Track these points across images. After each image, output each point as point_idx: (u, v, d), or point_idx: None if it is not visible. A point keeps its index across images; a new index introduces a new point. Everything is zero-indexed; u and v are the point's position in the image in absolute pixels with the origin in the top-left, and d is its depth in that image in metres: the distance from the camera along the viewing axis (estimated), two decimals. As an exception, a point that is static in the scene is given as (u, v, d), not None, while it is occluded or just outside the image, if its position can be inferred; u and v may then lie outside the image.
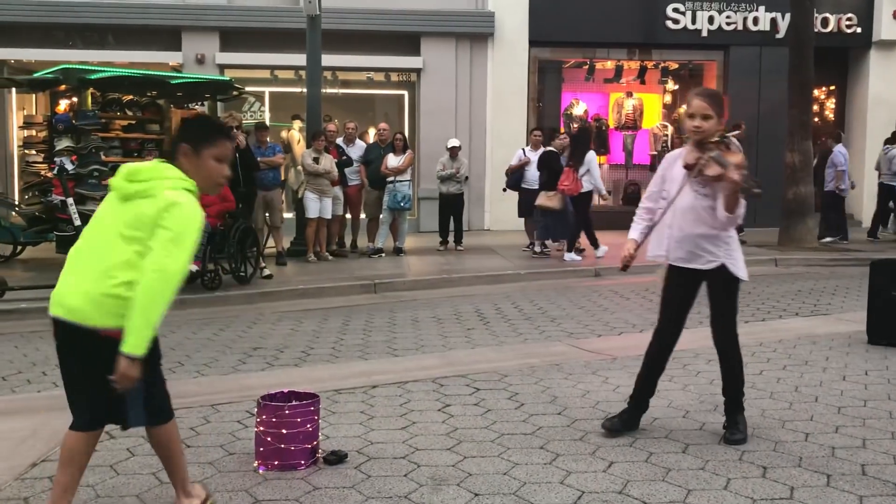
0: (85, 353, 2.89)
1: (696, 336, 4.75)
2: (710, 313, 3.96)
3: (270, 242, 10.66)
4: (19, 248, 10.88)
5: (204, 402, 4.71)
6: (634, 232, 4.05)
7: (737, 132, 3.97)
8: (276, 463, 3.58)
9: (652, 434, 4.06)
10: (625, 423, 4.05)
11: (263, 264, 9.53)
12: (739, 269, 3.87)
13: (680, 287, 3.97)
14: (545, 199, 10.99)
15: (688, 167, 3.77)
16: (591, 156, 11.16)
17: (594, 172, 11.10)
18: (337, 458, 3.68)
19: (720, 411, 4.41)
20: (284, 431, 3.57)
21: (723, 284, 3.88)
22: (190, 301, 8.17)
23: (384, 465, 3.68)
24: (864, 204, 15.98)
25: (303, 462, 3.59)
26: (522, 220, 12.48)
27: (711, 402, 4.60)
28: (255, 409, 3.71)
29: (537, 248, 11.70)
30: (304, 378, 5.24)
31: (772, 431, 4.09)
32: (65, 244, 10.08)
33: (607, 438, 4.00)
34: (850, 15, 15.97)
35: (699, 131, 3.77)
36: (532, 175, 11.84)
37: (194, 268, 8.24)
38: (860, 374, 5.25)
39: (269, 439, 3.58)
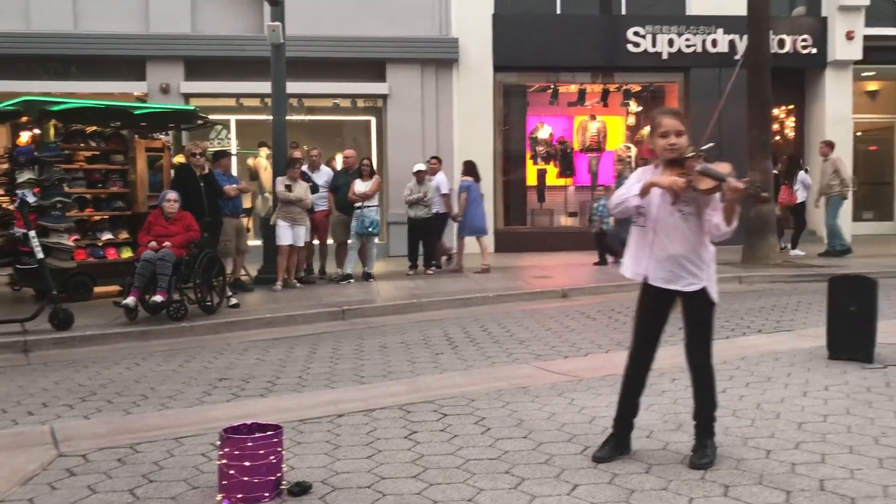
0: None
1: (662, 355, 4.76)
2: (685, 335, 3.96)
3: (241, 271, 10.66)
4: None
5: (168, 435, 4.66)
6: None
7: (710, 145, 3.92)
8: (239, 496, 3.55)
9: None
10: (616, 449, 4.04)
11: (230, 293, 9.47)
12: (715, 292, 3.89)
13: (656, 307, 3.96)
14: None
15: (675, 195, 3.70)
16: (801, 175, 14.40)
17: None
18: (301, 490, 3.65)
19: (684, 430, 4.46)
20: (247, 464, 3.54)
21: (701, 307, 3.88)
22: (155, 332, 8.10)
23: (349, 494, 3.66)
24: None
25: (266, 494, 3.57)
26: (492, 241, 12.66)
27: (675, 421, 4.65)
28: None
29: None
30: (270, 408, 5.21)
31: (734, 449, 4.13)
32: (26, 277, 9.96)
33: (572, 461, 4.02)
34: (805, 36, 16.38)
35: (675, 148, 3.76)
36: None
37: (159, 298, 8.19)
38: (820, 389, 5.33)
39: (231, 472, 3.55)
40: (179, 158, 11.42)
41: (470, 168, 12.73)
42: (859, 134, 18.26)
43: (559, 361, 6.53)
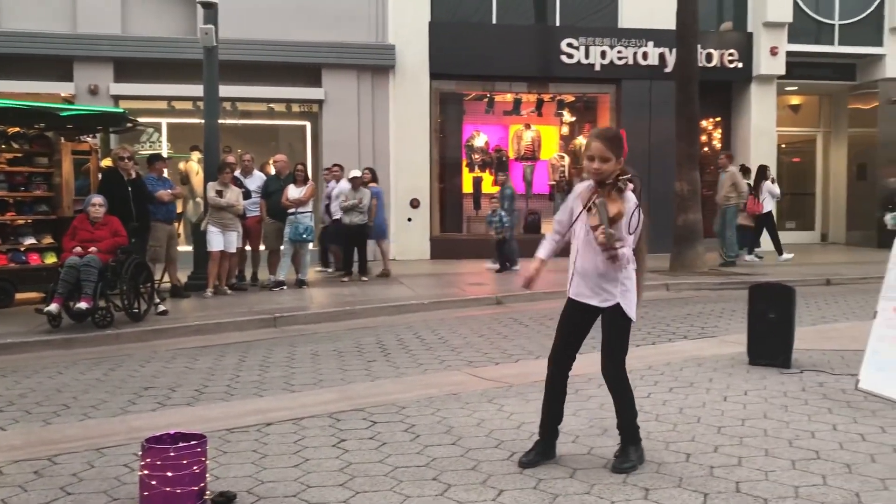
0: None
1: (589, 361, 4.86)
2: (601, 348, 4.04)
3: (165, 277, 10.44)
4: None
5: (89, 446, 4.55)
6: (542, 251, 4.13)
7: (627, 177, 3.96)
8: (161, 507, 3.48)
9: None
10: (541, 455, 4.11)
11: (158, 300, 9.27)
12: (631, 309, 3.96)
13: (577, 319, 4.06)
14: (742, 219, 14.32)
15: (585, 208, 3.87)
16: (767, 185, 14.82)
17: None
18: (225, 500, 3.61)
19: (608, 435, 4.55)
20: (170, 474, 3.48)
21: (615, 322, 3.97)
22: (80, 340, 7.88)
23: (274, 503, 3.64)
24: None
25: (189, 505, 3.51)
26: (428, 248, 12.67)
27: (600, 426, 4.74)
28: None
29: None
30: (196, 418, 5.13)
31: (656, 453, 4.24)
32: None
33: (499, 467, 4.07)
34: (731, 51, 16.91)
35: (599, 173, 3.87)
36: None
37: (84, 305, 7.98)
38: (740, 394, 5.51)
39: (153, 483, 3.48)
40: (107, 162, 11.15)
41: (374, 174, 13.13)
42: (783, 146, 18.94)
43: (490, 368, 6.59)
